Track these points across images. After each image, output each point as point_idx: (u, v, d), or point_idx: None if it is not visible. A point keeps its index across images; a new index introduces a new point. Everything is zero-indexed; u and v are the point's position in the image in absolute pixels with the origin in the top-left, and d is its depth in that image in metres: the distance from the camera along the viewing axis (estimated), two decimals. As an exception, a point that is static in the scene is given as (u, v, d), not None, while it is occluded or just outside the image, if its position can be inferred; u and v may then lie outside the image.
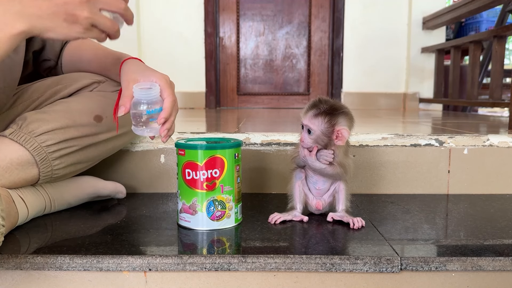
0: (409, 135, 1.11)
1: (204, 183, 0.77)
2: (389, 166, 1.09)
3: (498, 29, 2.08)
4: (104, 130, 0.88)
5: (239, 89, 3.21)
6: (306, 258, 0.66)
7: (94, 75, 0.93)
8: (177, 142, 0.80)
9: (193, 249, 0.71)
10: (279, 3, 3.14)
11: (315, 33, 3.16)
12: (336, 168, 0.81)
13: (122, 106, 0.72)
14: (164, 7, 3.03)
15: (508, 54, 5.70)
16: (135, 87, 0.72)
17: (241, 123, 1.61)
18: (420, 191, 1.10)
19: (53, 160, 0.80)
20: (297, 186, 0.85)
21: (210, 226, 0.78)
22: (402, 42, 3.04)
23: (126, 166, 1.08)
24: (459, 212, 0.95)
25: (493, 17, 2.99)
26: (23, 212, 0.78)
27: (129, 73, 0.77)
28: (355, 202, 0.97)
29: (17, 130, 0.78)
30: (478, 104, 2.42)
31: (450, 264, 0.66)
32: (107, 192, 0.98)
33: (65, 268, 0.66)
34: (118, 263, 0.66)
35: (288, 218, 0.84)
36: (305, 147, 0.81)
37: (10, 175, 0.76)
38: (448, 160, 1.09)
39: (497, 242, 0.75)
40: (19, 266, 0.66)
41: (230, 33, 3.16)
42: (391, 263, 0.66)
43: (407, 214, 0.92)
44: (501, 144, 1.10)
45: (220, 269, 0.66)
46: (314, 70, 3.20)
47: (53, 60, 0.98)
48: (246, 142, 1.09)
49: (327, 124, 0.78)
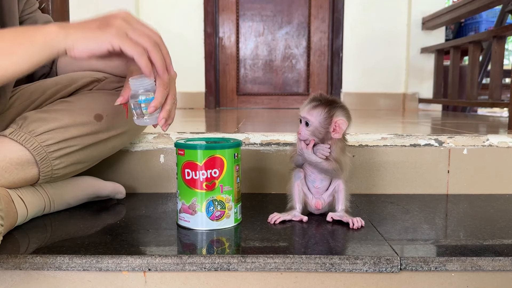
0: (408, 135, 1.11)
1: (204, 183, 0.77)
2: (388, 166, 1.09)
3: (498, 29, 2.09)
4: (105, 129, 0.88)
5: (238, 89, 3.21)
6: (305, 258, 0.66)
7: (93, 73, 0.93)
8: (177, 142, 0.80)
9: (192, 249, 0.71)
10: (278, 4, 3.14)
11: (314, 34, 3.17)
12: (332, 163, 0.81)
13: (120, 96, 0.72)
14: (163, 7, 3.03)
15: (507, 55, 5.70)
16: (131, 79, 0.72)
17: (241, 123, 1.61)
18: (419, 191, 1.10)
19: (53, 160, 0.80)
20: (296, 186, 0.85)
21: (209, 226, 0.78)
22: (402, 42, 3.05)
23: (126, 166, 1.08)
24: (459, 212, 0.95)
25: (493, 17, 2.99)
26: (22, 212, 0.78)
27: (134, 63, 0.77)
28: (354, 202, 0.97)
29: (17, 130, 0.78)
30: (478, 104, 2.43)
31: (450, 264, 0.66)
32: (106, 192, 0.98)
33: (64, 268, 0.66)
34: (117, 263, 0.66)
35: (287, 218, 0.84)
36: (301, 139, 0.81)
37: (10, 175, 0.76)
38: (447, 160, 1.09)
39: (497, 242, 0.75)
40: (18, 266, 0.65)
41: (229, 33, 3.16)
42: (391, 263, 0.66)
43: (406, 214, 0.92)
44: (501, 144, 1.10)
45: (219, 269, 0.66)
46: (314, 71, 3.20)
47: (47, 66, 0.97)
48: (246, 142, 1.09)
49: (326, 114, 0.78)
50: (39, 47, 0.60)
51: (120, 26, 0.62)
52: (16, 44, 0.60)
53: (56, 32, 0.60)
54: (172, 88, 0.74)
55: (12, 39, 0.60)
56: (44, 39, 0.60)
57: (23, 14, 0.92)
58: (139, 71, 0.74)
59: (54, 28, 0.61)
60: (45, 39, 0.60)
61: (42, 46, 0.60)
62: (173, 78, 0.75)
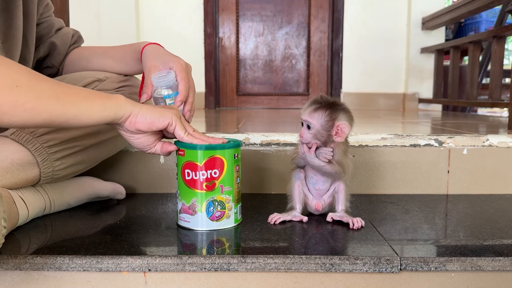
0: (408, 135, 1.11)
1: (204, 184, 0.77)
2: (388, 166, 1.09)
3: (498, 29, 2.09)
4: (106, 130, 0.88)
5: (238, 90, 3.21)
6: (305, 258, 0.66)
7: (94, 73, 0.93)
8: (177, 142, 0.80)
9: (192, 249, 0.71)
10: (278, 4, 3.14)
11: (314, 34, 3.17)
12: (335, 166, 0.81)
13: (144, 94, 0.79)
14: (163, 7, 3.03)
15: (507, 55, 5.70)
16: (152, 76, 0.79)
17: (241, 124, 1.61)
18: (419, 191, 1.10)
19: (54, 161, 0.80)
20: (297, 186, 0.85)
21: (209, 226, 0.78)
22: (402, 42, 3.05)
23: (126, 166, 1.08)
24: (459, 212, 0.95)
25: (493, 17, 2.99)
26: (23, 212, 0.78)
27: (149, 60, 0.84)
28: (354, 202, 0.97)
29: (18, 131, 0.78)
30: (478, 105, 2.43)
31: (450, 264, 0.66)
32: (106, 192, 0.98)
33: (64, 269, 0.66)
34: (117, 264, 0.66)
35: (287, 219, 0.84)
36: (304, 142, 0.81)
37: (11, 176, 0.76)
38: (447, 160, 1.09)
39: (497, 242, 0.75)
40: (18, 267, 0.65)
41: (229, 33, 3.16)
42: (391, 263, 0.66)
43: (406, 214, 0.92)
44: (501, 144, 1.10)
45: (219, 269, 0.66)
46: (314, 71, 3.20)
47: (55, 67, 0.99)
48: (246, 142, 1.09)
49: (327, 117, 0.78)
50: (112, 104, 0.66)
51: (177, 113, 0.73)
52: (97, 96, 0.66)
53: (126, 99, 0.68)
54: (191, 81, 0.82)
55: (90, 93, 0.66)
56: (116, 100, 0.67)
57: (41, 17, 0.95)
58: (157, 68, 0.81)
59: (123, 97, 0.68)
60: (117, 101, 0.67)
61: (115, 105, 0.66)
62: (190, 70, 0.82)
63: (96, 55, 0.98)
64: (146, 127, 0.69)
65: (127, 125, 0.68)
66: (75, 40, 1.01)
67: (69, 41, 0.99)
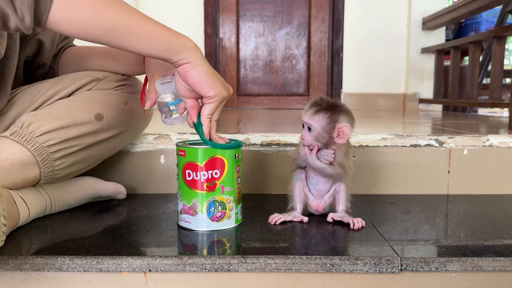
0: (409, 136, 1.11)
1: (205, 184, 0.77)
2: (389, 166, 1.09)
3: (498, 29, 2.09)
4: (105, 129, 0.88)
5: (238, 90, 3.21)
6: (306, 258, 0.66)
7: (93, 72, 0.93)
8: (177, 143, 0.80)
9: (193, 250, 0.71)
10: (278, 4, 3.14)
11: (314, 34, 3.17)
12: (336, 168, 0.81)
13: (149, 100, 0.80)
14: (163, 7, 3.04)
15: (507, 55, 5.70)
16: (156, 83, 0.78)
17: (241, 124, 1.61)
18: (420, 191, 1.10)
19: (55, 161, 0.80)
20: (297, 186, 0.85)
21: (210, 227, 0.78)
22: (402, 42, 3.05)
23: (126, 167, 1.08)
24: (459, 212, 0.95)
25: (493, 17, 2.99)
26: (24, 213, 0.78)
27: (152, 65, 0.84)
28: (355, 203, 0.97)
29: (18, 131, 0.78)
30: (478, 105, 2.43)
31: (450, 264, 0.66)
32: (107, 193, 0.98)
33: (65, 269, 0.66)
34: (118, 264, 0.66)
35: (288, 219, 0.84)
36: (305, 144, 0.81)
37: (12, 176, 0.76)
38: (448, 160, 1.09)
39: (497, 242, 0.75)
40: (18, 267, 0.66)
41: (229, 34, 3.16)
42: (391, 264, 0.66)
43: (407, 214, 0.92)
44: (501, 144, 1.10)
45: (220, 270, 0.66)
46: (314, 71, 3.20)
47: (47, 65, 0.98)
48: (246, 142, 1.09)
49: (328, 120, 0.78)
50: (177, 42, 0.67)
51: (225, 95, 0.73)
52: (166, 28, 0.67)
53: (195, 48, 0.69)
54: None
55: (159, 24, 0.67)
56: (185, 41, 0.68)
57: None
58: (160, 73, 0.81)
59: (194, 43, 0.69)
60: (186, 42, 0.68)
61: (181, 45, 0.67)
62: None
63: (94, 55, 0.97)
64: (191, 82, 0.69)
65: (180, 69, 0.69)
66: (64, 37, 1.00)
67: (56, 37, 0.99)
